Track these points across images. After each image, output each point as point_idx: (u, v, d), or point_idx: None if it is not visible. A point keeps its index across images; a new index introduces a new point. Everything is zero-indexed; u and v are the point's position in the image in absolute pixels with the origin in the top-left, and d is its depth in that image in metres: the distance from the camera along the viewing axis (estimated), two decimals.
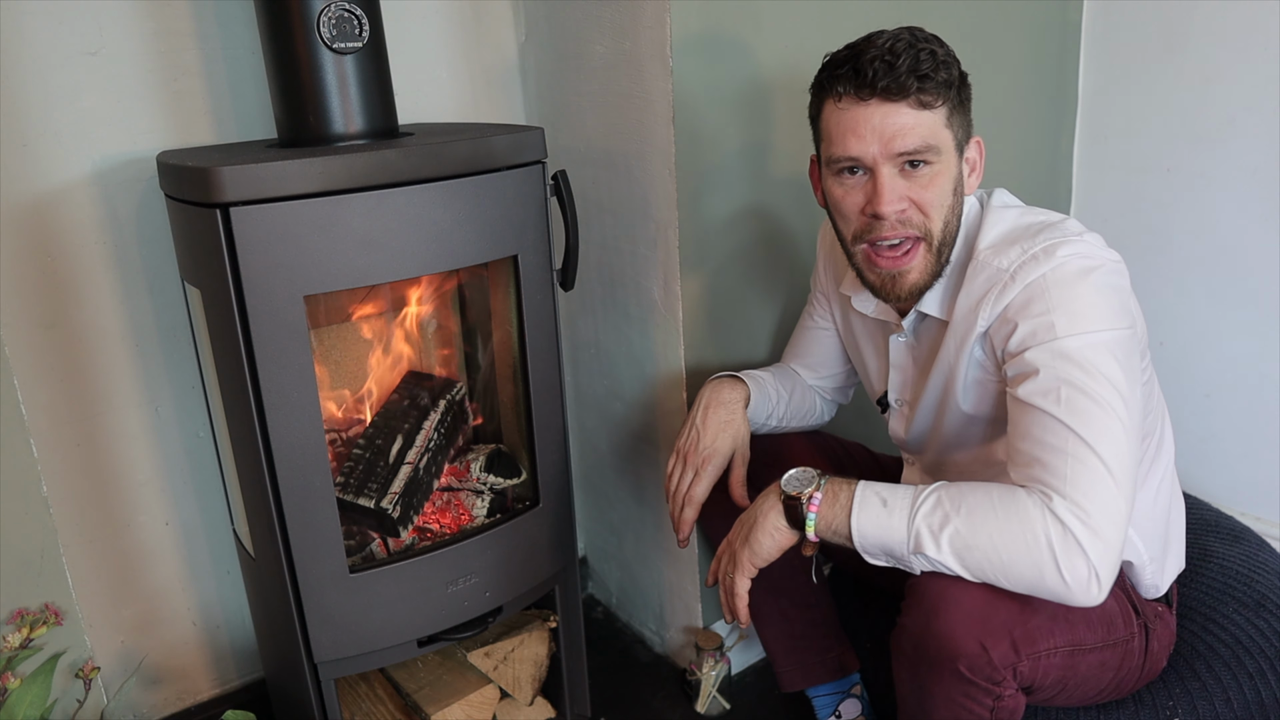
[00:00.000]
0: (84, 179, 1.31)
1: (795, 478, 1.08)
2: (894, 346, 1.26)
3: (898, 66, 1.03)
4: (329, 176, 1.07)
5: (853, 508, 1.02)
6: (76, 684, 1.28)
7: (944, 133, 1.07)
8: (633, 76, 1.41)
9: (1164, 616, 1.23)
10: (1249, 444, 1.81)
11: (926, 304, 1.16)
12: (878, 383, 1.34)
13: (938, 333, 1.17)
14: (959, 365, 1.13)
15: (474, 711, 1.43)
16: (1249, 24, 1.65)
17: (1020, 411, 1.02)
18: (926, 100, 1.04)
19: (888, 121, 1.05)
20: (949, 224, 1.11)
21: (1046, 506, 0.95)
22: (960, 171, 1.11)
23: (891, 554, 1.02)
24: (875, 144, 1.05)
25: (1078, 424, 0.97)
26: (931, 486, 1.01)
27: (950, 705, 1.04)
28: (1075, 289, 1.02)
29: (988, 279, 1.08)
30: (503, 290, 1.33)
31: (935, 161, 1.07)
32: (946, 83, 1.06)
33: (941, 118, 1.06)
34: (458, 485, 1.41)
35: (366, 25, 1.16)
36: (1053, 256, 1.04)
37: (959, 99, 1.08)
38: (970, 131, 1.12)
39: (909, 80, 1.03)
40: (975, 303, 1.09)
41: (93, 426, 1.40)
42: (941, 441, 1.25)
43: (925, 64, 1.03)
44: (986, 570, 0.97)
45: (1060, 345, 1.00)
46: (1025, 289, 1.04)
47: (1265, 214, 1.69)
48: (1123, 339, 1.02)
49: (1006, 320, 1.06)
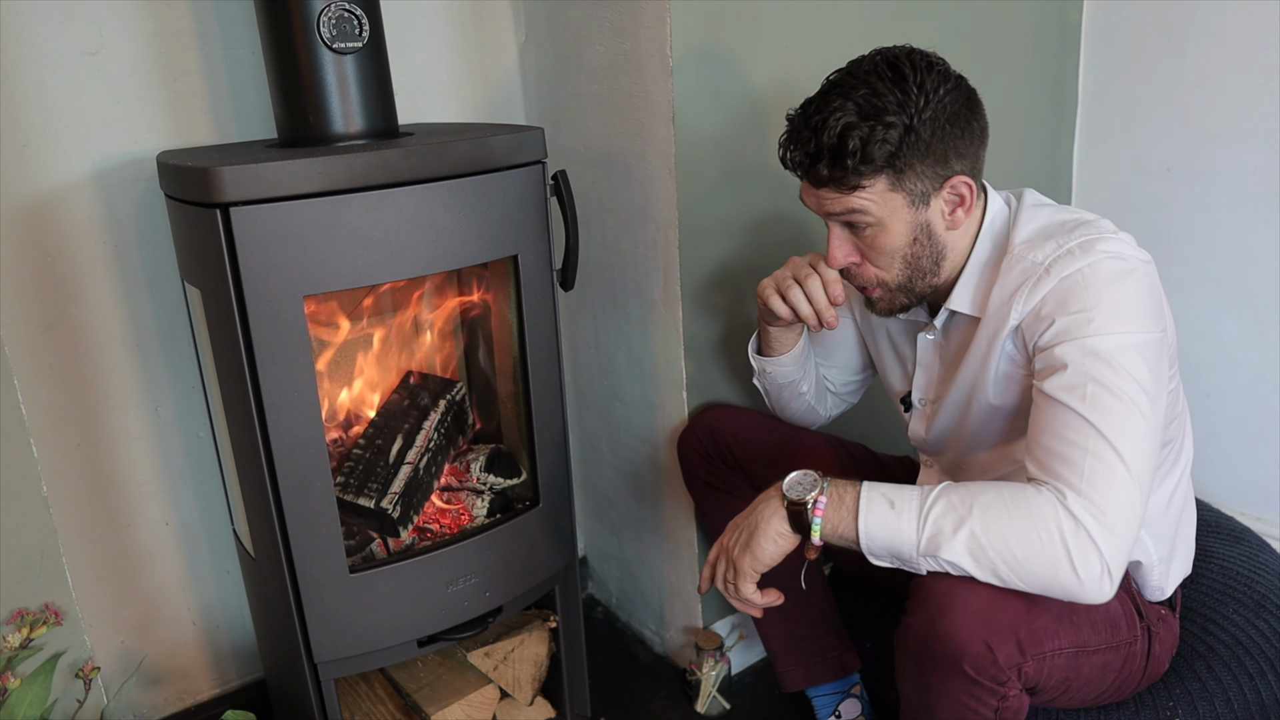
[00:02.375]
0: (84, 179, 1.31)
1: (798, 482, 1.06)
2: (922, 345, 1.25)
3: (818, 158, 1.05)
4: (329, 176, 1.07)
5: (859, 511, 1.01)
6: (76, 684, 1.28)
7: (887, 197, 1.06)
8: (633, 76, 1.41)
9: (1167, 620, 1.23)
10: (1249, 444, 1.81)
11: (956, 301, 1.16)
12: (900, 383, 1.33)
13: (968, 329, 1.17)
14: (990, 360, 1.13)
15: (474, 711, 1.43)
16: (1249, 24, 1.65)
17: (1044, 404, 1.02)
18: (851, 185, 1.05)
19: (818, 194, 1.10)
20: (915, 266, 1.12)
21: (1060, 503, 0.95)
22: (924, 220, 1.09)
23: (899, 556, 1.01)
24: (815, 204, 1.12)
25: (1100, 420, 0.97)
26: (938, 488, 1.00)
27: (954, 705, 1.04)
28: (1114, 289, 1.02)
29: (1022, 272, 1.08)
30: (503, 290, 1.33)
31: (871, 225, 1.08)
32: (876, 164, 1.03)
33: (880, 188, 1.05)
34: (458, 485, 1.41)
35: (366, 25, 1.16)
36: (1090, 252, 1.04)
37: (909, 159, 1.03)
38: (946, 175, 1.07)
39: (826, 172, 1.05)
40: (1009, 296, 1.08)
41: (93, 426, 1.40)
42: (964, 441, 1.24)
43: (849, 147, 1.02)
44: (1001, 569, 0.97)
45: (1092, 343, 1.00)
46: (1062, 282, 1.04)
47: (1265, 214, 1.69)
48: (1154, 342, 1.02)
49: (1042, 316, 1.05)
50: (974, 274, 1.15)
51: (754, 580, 1.10)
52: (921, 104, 1.03)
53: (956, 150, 1.06)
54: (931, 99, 1.03)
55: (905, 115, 1.02)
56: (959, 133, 1.06)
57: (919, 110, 1.03)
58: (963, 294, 1.15)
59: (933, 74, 1.04)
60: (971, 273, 1.15)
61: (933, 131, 1.04)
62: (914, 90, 1.03)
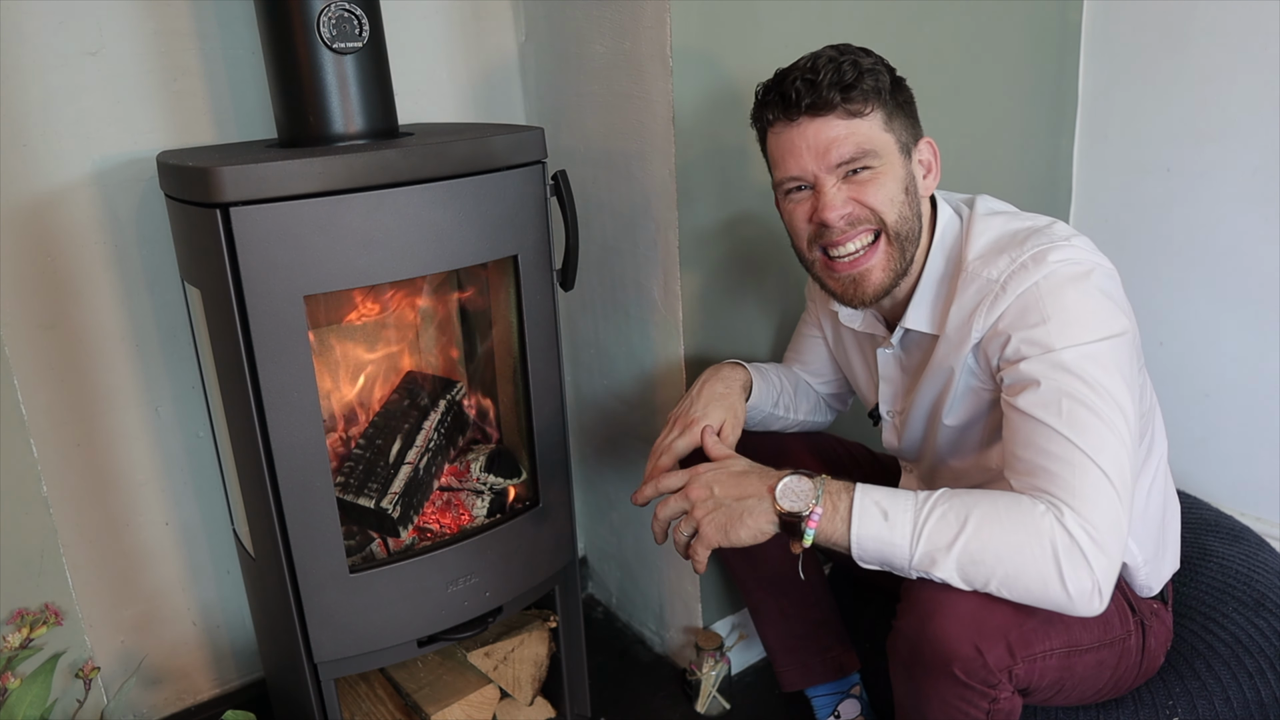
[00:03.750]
0: (84, 179, 1.31)
1: (793, 490, 1.03)
2: (882, 359, 1.26)
3: (819, 83, 1.06)
4: (329, 176, 1.07)
5: (852, 521, 1.00)
6: (76, 684, 1.28)
7: (883, 136, 1.09)
8: (633, 76, 1.41)
9: (1160, 614, 1.23)
10: (1249, 444, 1.81)
11: (912, 319, 1.17)
12: (868, 394, 1.35)
13: (927, 345, 1.17)
14: (953, 378, 1.13)
15: (474, 711, 1.43)
16: (1249, 24, 1.65)
17: (1020, 421, 1.02)
18: (854, 108, 1.06)
19: (820, 135, 1.07)
20: (905, 219, 1.11)
21: (1057, 519, 0.95)
22: (909, 173, 1.12)
23: (890, 566, 1.00)
24: (811, 159, 1.09)
25: (1079, 438, 0.97)
26: (933, 497, 0.99)
27: (946, 708, 1.04)
28: (1068, 296, 1.02)
29: (978, 290, 1.08)
30: (503, 290, 1.33)
31: (875, 165, 1.08)
32: (875, 89, 1.07)
33: (877, 122, 1.08)
34: (458, 485, 1.41)
35: (366, 25, 1.16)
36: (1043, 264, 1.04)
37: (895, 102, 1.10)
38: (919, 133, 1.14)
39: (832, 93, 1.06)
40: (968, 315, 1.09)
41: (93, 426, 1.40)
42: (936, 449, 1.25)
43: (848, 74, 1.06)
44: (991, 584, 0.97)
45: (1058, 357, 1.00)
46: (1018, 299, 1.04)
47: (1265, 214, 1.69)
48: (1118, 346, 1.02)
49: (999, 331, 1.05)
50: (928, 291, 1.15)
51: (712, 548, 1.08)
52: (891, 70, 1.11)
53: (915, 117, 1.14)
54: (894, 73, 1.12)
55: (885, 71, 1.10)
56: (913, 106, 1.14)
57: (890, 72, 1.11)
58: (918, 312, 1.16)
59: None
60: (926, 289, 1.15)
61: (903, 91, 1.12)
62: (881, 61, 1.11)
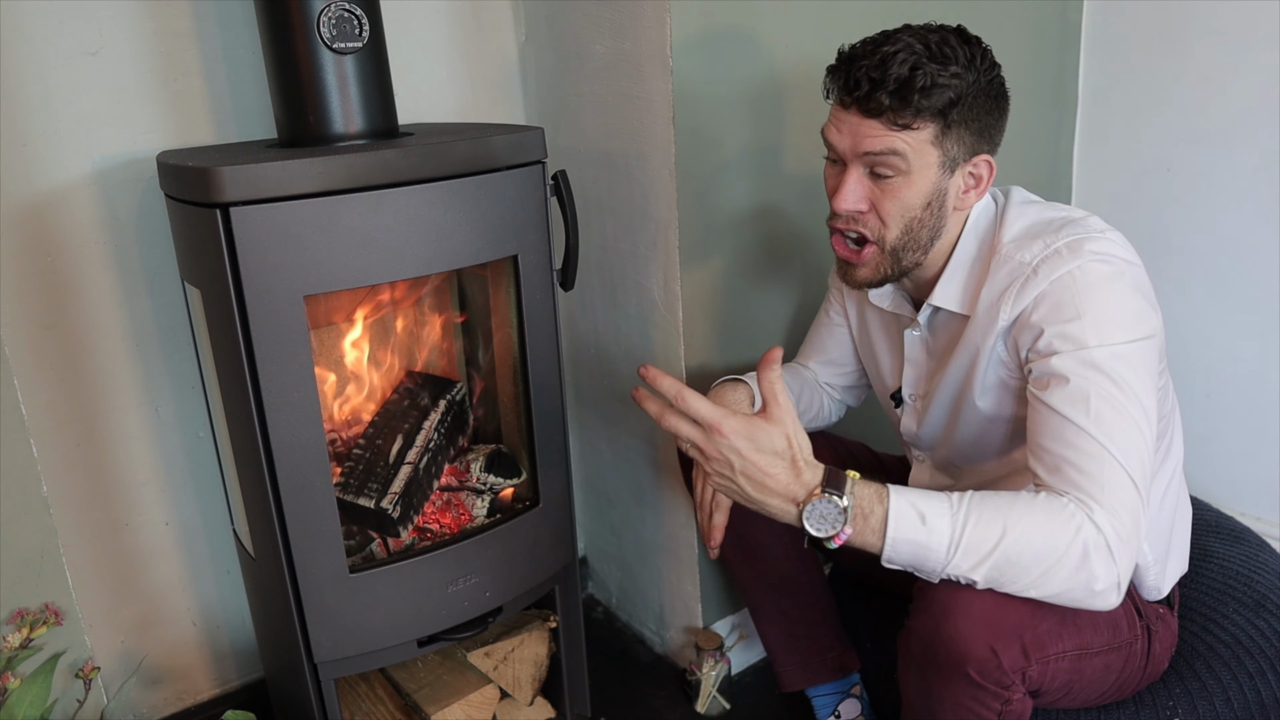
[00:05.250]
0: (84, 179, 1.31)
1: (819, 514, 0.98)
2: (909, 340, 1.25)
3: (882, 84, 1.03)
4: (329, 176, 1.07)
5: (887, 529, 0.97)
6: (76, 684, 1.28)
7: (926, 149, 1.06)
8: (633, 76, 1.41)
9: (1165, 618, 1.23)
10: (1249, 444, 1.81)
11: (940, 297, 1.16)
12: (890, 378, 1.33)
13: (955, 326, 1.17)
14: (980, 360, 1.13)
15: (474, 711, 1.43)
16: (1249, 24, 1.65)
17: (1048, 415, 1.02)
18: (904, 122, 1.04)
19: (861, 128, 1.07)
20: (913, 234, 1.10)
21: (1088, 516, 0.95)
22: (942, 187, 1.09)
23: (920, 570, 0.99)
24: (848, 141, 1.08)
25: (1105, 437, 0.98)
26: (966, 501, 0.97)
27: (958, 709, 1.04)
28: (1103, 293, 1.02)
29: (1010, 272, 1.08)
30: (503, 290, 1.33)
31: (899, 174, 1.07)
32: (934, 108, 1.03)
33: (925, 136, 1.05)
34: (458, 485, 1.41)
35: (366, 25, 1.16)
36: (1078, 253, 1.04)
37: (960, 118, 1.05)
38: (980, 148, 1.09)
39: (887, 101, 1.03)
40: (998, 296, 1.08)
41: (93, 426, 1.40)
42: (957, 439, 1.24)
43: (918, 81, 1.01)
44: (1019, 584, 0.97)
45: (1090, 355, 1.00)
46: (1051, 285, 1.04)
47: (1265, 214, 1.69)
48: (1147, 348, 1.02)
49: (1032, 322, 1.05)
50: (959, 271, 1.15)
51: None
52: (983, 70, 1.06)
53: (989, 129, 1.09)
54: (989, 72, 1.07)
55: (970, 73, 1.04)
56: (997, 115, 1.10)
57: (980, 74, 1.05)
58: (947, 290, 1.15)
59: (990, 53, 1.08)
60: (956, 269, 1.15)
61: (983, 102, 1.07)
62: (979, 57, 1.06)
